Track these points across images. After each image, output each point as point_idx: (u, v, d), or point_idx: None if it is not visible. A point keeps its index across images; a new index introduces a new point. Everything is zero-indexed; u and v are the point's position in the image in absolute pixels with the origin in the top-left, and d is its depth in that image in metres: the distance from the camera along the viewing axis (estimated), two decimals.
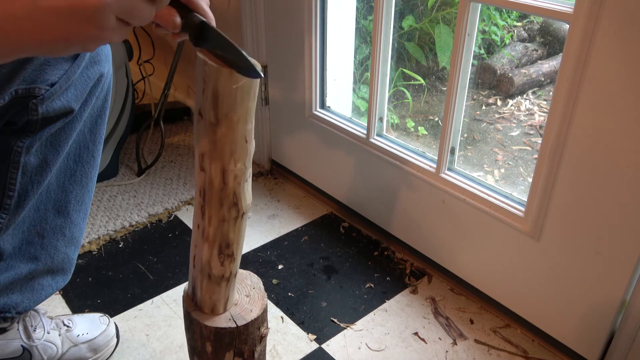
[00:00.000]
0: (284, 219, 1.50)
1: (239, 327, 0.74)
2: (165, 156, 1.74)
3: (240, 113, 0.61)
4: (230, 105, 0.59)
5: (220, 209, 0.67)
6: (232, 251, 0.71)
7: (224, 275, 0.72)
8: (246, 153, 0.64)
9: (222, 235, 0.69)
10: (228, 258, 0.71)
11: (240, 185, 0.66)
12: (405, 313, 1.20)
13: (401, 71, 2.00)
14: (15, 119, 0.77)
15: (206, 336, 0.75)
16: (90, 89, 0.82)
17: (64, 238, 0.92)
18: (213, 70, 0.57)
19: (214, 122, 0.61)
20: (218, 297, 0.74)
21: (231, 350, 0.76)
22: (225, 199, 0.66)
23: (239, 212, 0.68)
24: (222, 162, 0.63)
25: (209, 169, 0.64)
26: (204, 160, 0.64)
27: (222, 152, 0.63)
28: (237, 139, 0.62)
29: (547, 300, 1.08)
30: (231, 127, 0.61)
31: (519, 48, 2.28)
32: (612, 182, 0.91)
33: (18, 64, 0.73)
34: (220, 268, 0.71)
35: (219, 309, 0.75)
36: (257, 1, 1.48)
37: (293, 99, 1.53)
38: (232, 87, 0.58)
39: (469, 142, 1.93)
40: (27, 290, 0.91)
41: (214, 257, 0.71)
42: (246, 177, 0.67)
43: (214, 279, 0.72)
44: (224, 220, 0.68)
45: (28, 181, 0.81)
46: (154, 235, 1.42)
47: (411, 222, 1.32)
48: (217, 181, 0.65)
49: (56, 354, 0.99)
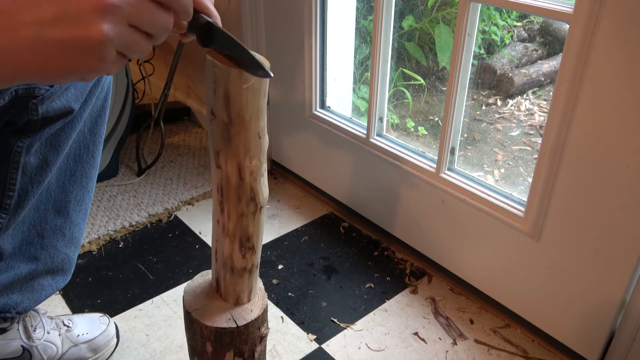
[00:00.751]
0: (284, 219, 1.50)
1: (239, 327, 0.74)
2: (165, 156, 1.74)
3: (252, 111, 0.61)
4: (242, 105, 0.60)
5: (238, 204, 0.68)
6: (252, 244, 0.72)
7: (246, 267, 0.74)
8: (260, 149, 0.66)
9: (242, 230, 0.70)
10: (249, 251, 0.73)
11: (257, 181, 0.67)
12: (405, 313, 1.20)
13: (401, 71, 2.00)
14: (15, 119, 0.77)
15: (206, 336, 0.75)
16: (90, 89, 0.82)
17: (64, 238, 0.92)
18: (223, 71, 0.58)
19: (227, 122, 0.62)
20: (242, 288, 0.76)
21: (231, 350, 0.76)
22: (243, 194, 0.67)
23: (257, 206, 0.69)
24: (237, 159, 0.65)
25: (225, 167, 0.66)
26: (219, 158, 0.65)
27: (236, 150, 0.64)
28: (250, 137, 0.63)
29: (547, 300, 1.08)
30: (244, 125, 0.62)
31: (519, 48, 2.28)
32: (612, 182, 0.91)
33: None
34: (242, 261, 0.73)
35: (244, 299, 0.77)
36: (257, 1, 1.48)
37: (293, 99, 1.53)
38: (243, 86, 0.59)
39: (469, 142, 1.93)
40: (27, 290, 0.91)
41: (235, 251, 0.72)
42: (262, 172, 0.68)
43: (237, 272, 0.74)
44: (243, 215, 0.69)
45: (28, 181, 0.81)
46: (154, 235, 1.42)
47: (411, 222, 1.32)
48: (234, 178, 0.66)
49: (56, 354, 0.99)
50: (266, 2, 1.48)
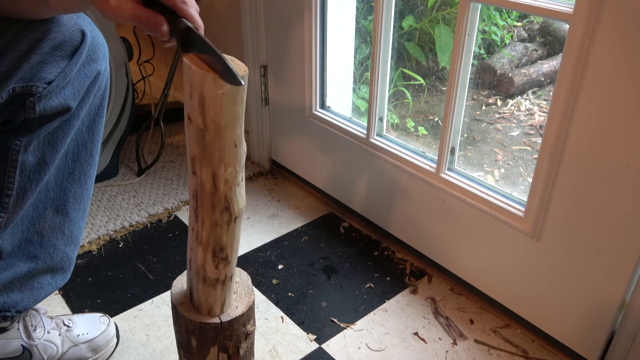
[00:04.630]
0: (284, 219, 1.50)
1: (223, 323, 0.74)
2: (165, 156, 1.74)
3: (227, 118, 0.61)
4: (217, 111, 0.60)
5: (212, 213, 0.67)
6: (226, 255, 0.71)
7: (218, 278, 0.72)
8: (236, 157, 0.64)
9: (215, 239, 0.69)
10: (222, 261, 0.71)
11: (232, 190, 0.66)
12: (405, 313, 1.20)
13: (401, 71, 2.00)
14: (13, 117, 0.77)
15: (191, 330, 0.75)
16: (88, 87, 0.82)
17: (63, 236, 0.92)
18: (198, 75, 0.58)
19: (202, 127, 0.61)
20: (214, 300, 0.74)
21: (216, 345, 0.76)
22: (217, 203, 0.66)
23: (231, 216, 0.68)
24: (212, 166, 0.64)
25: (200, 173, 0.65)
26: (195, 164, 0.65)
27: (211, 157, 0.63)
28: (226, 144, 0.62)
29: (547, 300, 1.08)
30: (219, 132, 0.61)
31: (519, 48, 2.28)
32: (612, 182, 0.91)
33: (15, 62, 0.73)
34: (215, 271, 0.71)
35: (216, 311, 0.75)
36: (257, 1, 1.48)
37: (293, 99, 1.53)
38: (218, 92, 0.58)
39: (469, 142, 1.93)
40: (27, 289, 0.91)
41: (208, 261, 0.71)
42: (238, 182, 0.66)
43: (209, 282, 0.72)
44: (216, 224, 0.68)
45: (26, 180, 0.82)
46: (154, 235, 1.42)
47: (411, 222, 1.32)
48: (208, 185, 0.65)
49: (56, 354, 0.99)
50: (266, 2, 1.48)
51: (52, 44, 0.75)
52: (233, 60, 0.61)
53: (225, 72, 0.57)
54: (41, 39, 0.75)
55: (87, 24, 0.80)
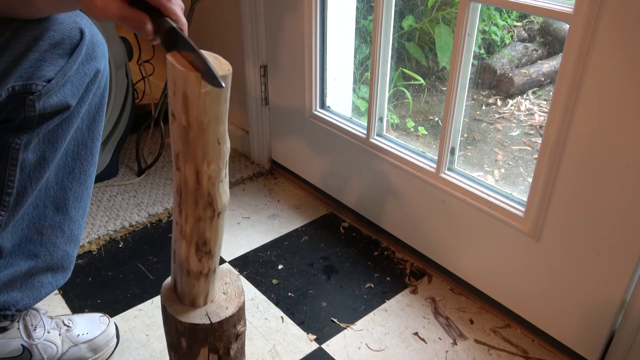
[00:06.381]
0: (284, 219, 1.50)
1: (213, 324, 0.74)
2: (165, 156, 1.74)
3: (210, 116, 0.62)
4: (200, 109, 0.61)
5: (196, 208, 0.68)
6: (209, 249, 0.72)
7: (202, 271, 0.73)
8: (220, 154, 0.65)
9: (198, 234, 0.70)
10: (206, 255, 0.72)
11: (215, 186, 0.67)
12: (405, 313, 1.20)
13: (401, 71, 2.00)
14: (13, 115, 0.77)
15: (181, 331, 0.75)
16: (87, 85, 0.82)
17: (63, 235, 0.92)
18: (181, 74, 0.59)
19: (185, 125, 0.62)
20: (198, 292, 0.75)
21: (206, 346, 0.76)
22: (200, 198, 0.67)
23: (214, 211, 0.69)
24: (195, 163, 0.65)
25: (184, 169, 0.66)
26: (179, 160, 0.66)
27: (194, 154, 0.64)
28: (209, 142, 0.63)
29: (547, 300, 1.08)
30: (202, 130, 0.62)
31: (519, 48, 2.28)
32: (612, 181, 0.91)
33: (13, 61, 0.73)
34: (199, 264, 0.73)
35: (199, 303, 0.76)
36: (257, 1, 1.48)
37: (293, 99, 1.53)
38: (201, 91, 0.59)
39: (469, 142, 1.93)
40: (27, 288, 0.91)
41: (191, 254, 0.72)
42: (221, 178, 0.68)
43: (193, 275, 0.73)
44: (200, 220, 0.69)
45: (26, 178, 0.82)
46: (154, 235, 1.42)
47: (411, 222, 1.32)
48: (192, 181, 0.66)
49: (56, 354, 0.99)
50: (266, 2, 1.48)
51: (50, 42, 0.76)
52: (217, 58, 0.62)
53: (206, 74, 0.58)
54: (40, 37, 0.75)
55: (86, 23, 0.80)
